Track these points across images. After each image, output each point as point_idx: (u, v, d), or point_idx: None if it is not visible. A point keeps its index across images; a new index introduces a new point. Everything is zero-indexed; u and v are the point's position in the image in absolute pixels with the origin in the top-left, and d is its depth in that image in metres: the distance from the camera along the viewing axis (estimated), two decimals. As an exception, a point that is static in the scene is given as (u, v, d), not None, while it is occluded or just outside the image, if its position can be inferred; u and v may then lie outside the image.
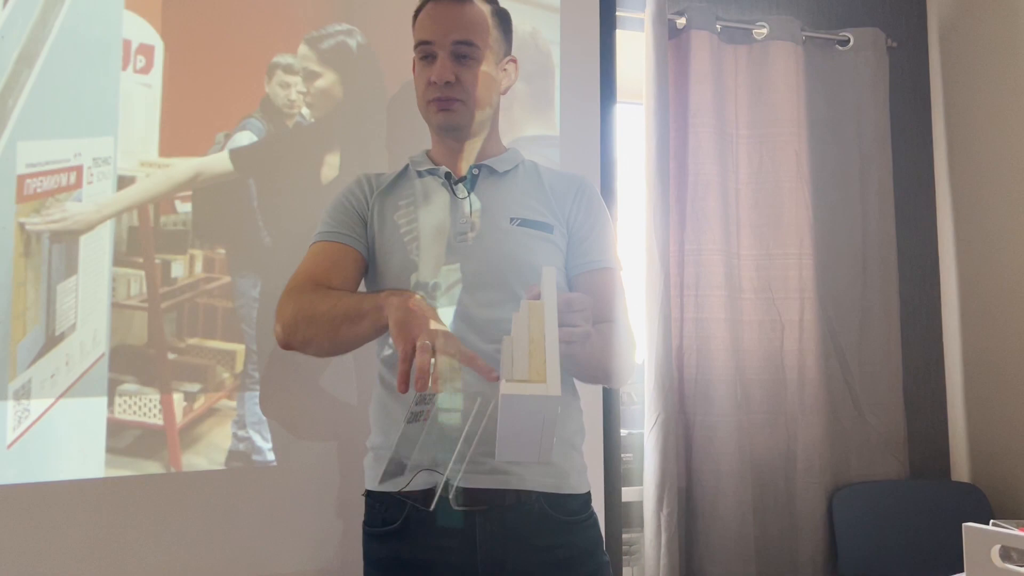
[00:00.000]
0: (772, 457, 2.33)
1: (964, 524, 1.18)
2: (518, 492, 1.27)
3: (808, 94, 2.45)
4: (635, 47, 2.34)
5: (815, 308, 2.36)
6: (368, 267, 1.41)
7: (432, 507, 1.24)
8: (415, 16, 1.41)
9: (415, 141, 1.54)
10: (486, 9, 1.39)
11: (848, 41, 2.51)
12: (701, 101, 2.32)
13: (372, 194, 1.42)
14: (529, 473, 1.27)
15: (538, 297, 1.08)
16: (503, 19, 1.43)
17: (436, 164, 1.43)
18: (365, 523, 1.36)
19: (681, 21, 2.34)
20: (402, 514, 1.28)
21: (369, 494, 1.36)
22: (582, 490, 1.36)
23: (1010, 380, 2.34)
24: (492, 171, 1.42)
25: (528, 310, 1.06)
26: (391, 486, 1.27)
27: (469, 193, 1.39)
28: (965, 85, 2.53)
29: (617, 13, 2.21)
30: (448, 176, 1.40)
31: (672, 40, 2.35)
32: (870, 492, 2.36)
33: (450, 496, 1.23)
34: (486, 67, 1.37)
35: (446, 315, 1.29)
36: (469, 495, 1.25)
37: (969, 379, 2.49)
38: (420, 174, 1.43)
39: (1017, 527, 1.40)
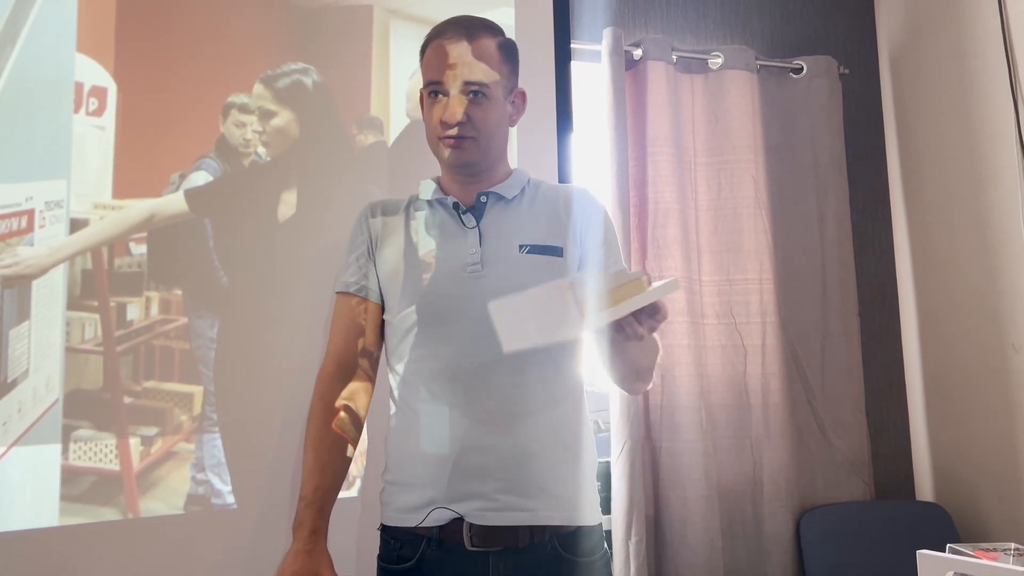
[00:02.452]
0: (739, 482, 2.34)
1: (918, 552, 1.19)
2: (531, 529, 1.27)
3: (764, 121, 2.49)
4: (591, 77, 2.37)
5: (777, 332, 2.38)
6: (384, 307, 1.41)
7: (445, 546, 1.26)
8: (422, 52, 1.41)
9: (420, 175, 1.54)
10: (493, 43, 1.38)
11: (801, 69, 2.56)
12: (659, 130, 2.34)
13: (378, 226, 1.43)
14: (543, 508, 1.27)
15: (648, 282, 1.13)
16: (510, 51, 1.42)
17: (445, 193, 1.42)
18: (380, 558, 1.35)
19: (637, 52, 2.38)
20: (417, 552, 1.28)
21: (385, 529, 1.35)
22: (595, 522, 1.36)
23: (970, 400, 2.37)
24: (500, 198, 1.41)
25: (631, 280, 1.10)
26: (407, 521, 1.28)
27: (478, 223, 1.38)
28: (916, 109, 2.59)
29: (573, 45, 2.24)
30: (456, 206, 1.40)
31: (629, 71, 2.38)
32: (837, 514, 2.37)
33: (464, 535, 1.25)
34: (496, 102, 1.37)
35: (457, 345, 1.30)
36: (483, 533, 1.25)
37: (930, 399, 2.53)
38: (429, 203, 1.43)
39: (974, 551, 1.42)
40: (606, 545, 1.39)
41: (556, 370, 1.35)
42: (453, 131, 1.33)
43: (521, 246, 1.36)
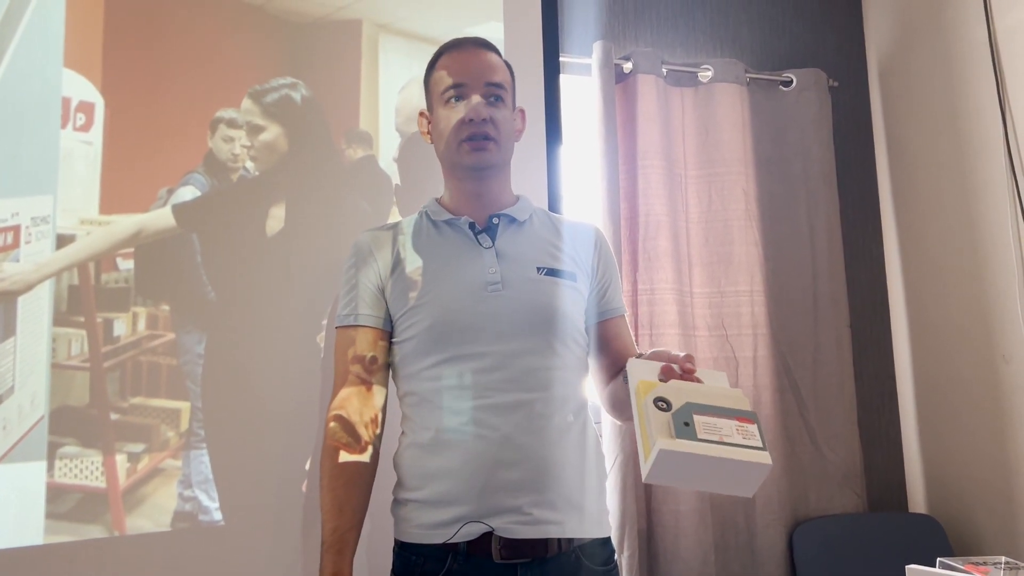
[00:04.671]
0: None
1: (907, 567, 1.19)
2: (559, 541, 1.29)
3: (754, 134, 2.49)
4: (581, 90, 2.37)
5: (768, 344, 2.38)
6: (395, 327, 1.40)
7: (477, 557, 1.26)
8: (430, 67, 1.45)
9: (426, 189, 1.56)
10: (502, 61, 1.45)
11: (791, 82, 2.56)
12: (649, 143, 2.35)
13: (379, 252, 1.42)
14: (571, 520, 1.30)
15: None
16: (512, 73, 1.48)
17: (454, 213, 1.43)
18: (396, 574, 1.35)
19: (627, 66, 2.38)
20: (443, 566, 1.28)
21: (403, 546, 1.34)
22: (609, 533, 1.40)
23: (962, 411, 2.37)
24: (512, 220, 1.44)
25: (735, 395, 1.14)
26: (433, 538, 1.28)
27: (493, 243, 1.40)
28: (905, 121, 2.60)
29: (562, 59, 2.24)
30: (472, 226, 1.41)
31: (619, 84, 2.39)
32: (829, 526, 2.36)
33: (494, 548, 1.25)
34: (510, 110, 1.43)
35: (483, 362, 1.31)
36: (513, 546, 1.26)
37: (922, 411, 2.52)
38: (436, 224, 1.44)
39: (964, 564, 1.42)
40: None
41: (574, 385, 1.38)
42: (480, 128, 1.35)
43: (539, 268, 1.39)
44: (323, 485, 1.34)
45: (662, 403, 1.09)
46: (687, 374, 1.17)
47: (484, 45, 1.43)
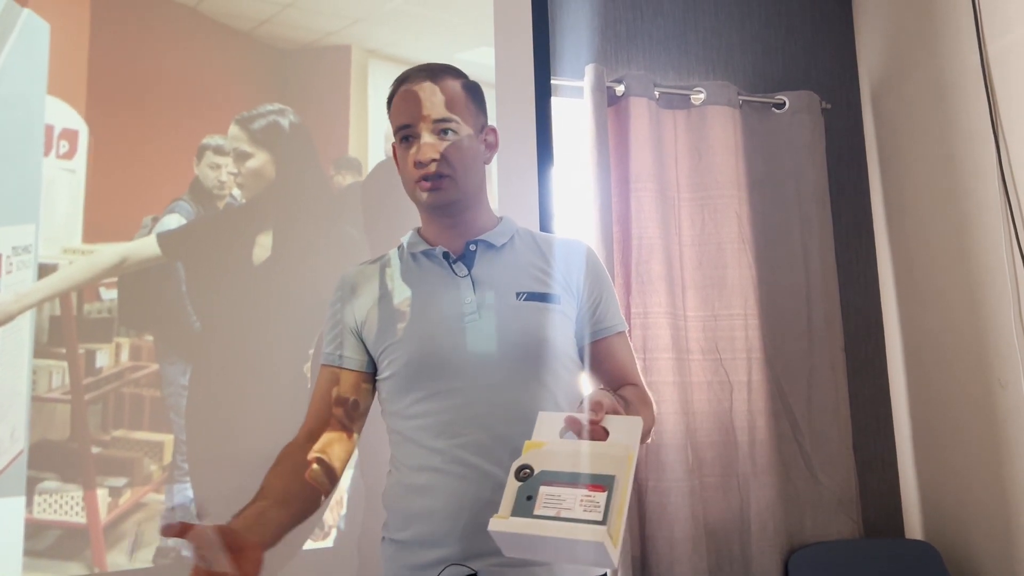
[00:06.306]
0: (726, 521, 2.30)
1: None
2: None
3: (747, 156, 2.48)
4: (573, 113, 2.36)
5: (762, 368, 2.36)
6: (377, 364, 1.37)
7: None
8: (389, 101, 1.39)
9: (395, 222, 1.52)
10: (457, 83, 1.37)
11: (784, 104, 2.56)
12: (642, 166, 2.33)
13: (356, 292, 1.39)
14: (559, 565, 1.24)
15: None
16: (475, 92, 1.41)
17: (431, 244, 1.40)
18: None
19: (620, 88, 2.37)
20: None
21: None
22: (603, 569, 1.32)
23: (958, 435, 2.35)
24: (490, 246, 1.39)
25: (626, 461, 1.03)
26: None
27: (469, 271, 1.36)
28: (898, 143, 2.59)
29: (554, 81, 2.23)
30: (446, 256, 1.37)
31: (611, 107, 2.38)
32: (825, 553, 2.34)
33: None
34: (467, 140, 1.35)
35: (462, 397, 1.26)
36: None
37: (918, 435, 2.50)
38: (415, 256, 1.40)
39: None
40: None
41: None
42: (430, 169, 1.30)
43: (518, 293, 1.34)
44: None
45: (526, 470, 1.03)
46: (592, 425, 1.07)
47: (435, 75, 1.36)
